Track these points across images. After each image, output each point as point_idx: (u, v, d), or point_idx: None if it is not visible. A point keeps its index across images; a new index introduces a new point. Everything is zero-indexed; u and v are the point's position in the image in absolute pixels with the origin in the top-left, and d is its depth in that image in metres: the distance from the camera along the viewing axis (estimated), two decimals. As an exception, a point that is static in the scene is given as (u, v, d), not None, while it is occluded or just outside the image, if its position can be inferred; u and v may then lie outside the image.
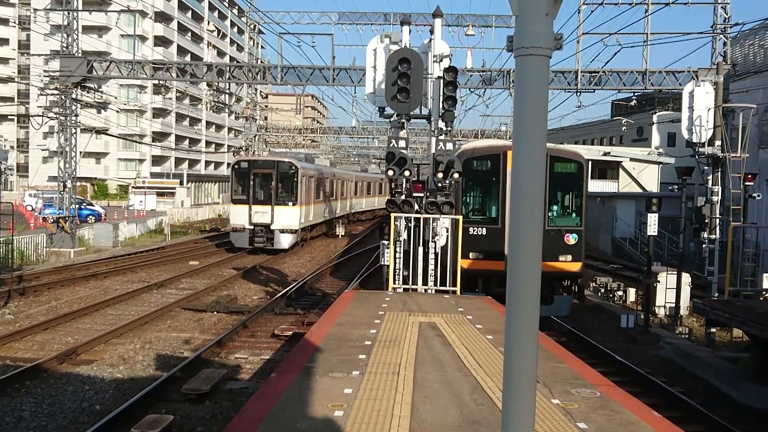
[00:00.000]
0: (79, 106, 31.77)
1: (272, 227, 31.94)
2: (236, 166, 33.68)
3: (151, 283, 22.79)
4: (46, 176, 71.97)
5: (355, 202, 53.90)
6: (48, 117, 31.56)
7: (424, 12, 44.76)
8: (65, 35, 30.83)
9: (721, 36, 25.86)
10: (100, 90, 34.66)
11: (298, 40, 33.89)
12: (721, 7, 25.84)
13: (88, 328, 16.26)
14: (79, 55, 31.63)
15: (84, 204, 47.08)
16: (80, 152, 31.87)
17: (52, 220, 31.23)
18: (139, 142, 72.00)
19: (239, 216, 32.21)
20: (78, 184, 37.21)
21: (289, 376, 7.88)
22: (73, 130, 30.80)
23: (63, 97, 30.28)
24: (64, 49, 30.92)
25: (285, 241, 32.25)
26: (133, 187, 66.99)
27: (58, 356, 13.07)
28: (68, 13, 31.07)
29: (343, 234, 44.37)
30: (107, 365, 13.18)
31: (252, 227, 31.91)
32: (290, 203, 32.44)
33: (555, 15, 3.14)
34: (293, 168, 32.91)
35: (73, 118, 30.65)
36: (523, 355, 3.08)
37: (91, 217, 44.37)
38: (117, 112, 57.69)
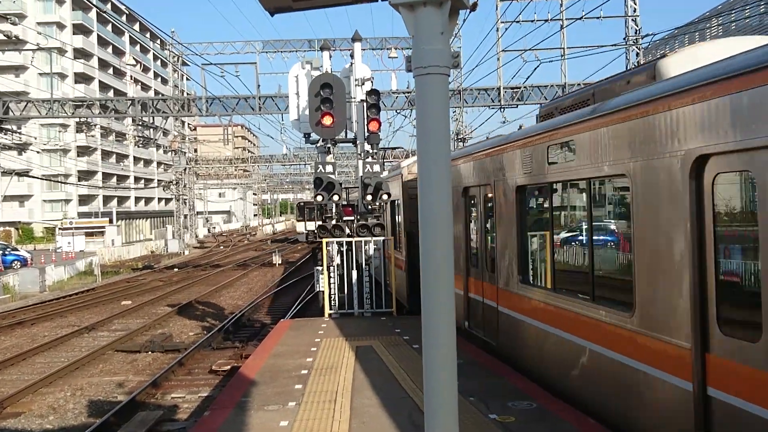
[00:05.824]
0: (-4, 148, 30.76)
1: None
2: (299, 204, 63.81)
3: (82, 326, 22.01)
4: (-34, 223, 69.23)
5: None
6: (-37, 162, 30.46)
7: (347, 37, 45.10)
8: (-22, 77, 29.84)
9: (634, 47, 26.83)
10: (19, 131, 33.67)
11: (221, 71, 33.70)
12: (632, 19, 26.85)
13: (15, 379, 15.56)
14: (-6, 96, 30.67)
15: (8, 249, 45.42)
16: (1, 196, 30.79)
17: (-27, 269, 29.99)
18: (64, 183, 70.02)
19: (300, 227, 59.76)
20: (1, 229, 35.87)
21: (223, 412, 7.69)
22: (-9, 174, 29.76)
23: (-22, 140, 29.27)
24: (-23, 91, 29.92)
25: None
26: (59, 228, 64.85)
27: (-18, 411, 12.47)
28: (-20, 54, 30.12)
29: (279, 263, 44.00)
30: (36, 416, 12.62)
31: (306, 232, 52.88)
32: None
33: (451, 33, 3.15)
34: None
35: (-9, 161, 29.64)
36: (441, 374, 3.04)
37: (16, 262, 42.73)
38: (38, 152, 55.99)
